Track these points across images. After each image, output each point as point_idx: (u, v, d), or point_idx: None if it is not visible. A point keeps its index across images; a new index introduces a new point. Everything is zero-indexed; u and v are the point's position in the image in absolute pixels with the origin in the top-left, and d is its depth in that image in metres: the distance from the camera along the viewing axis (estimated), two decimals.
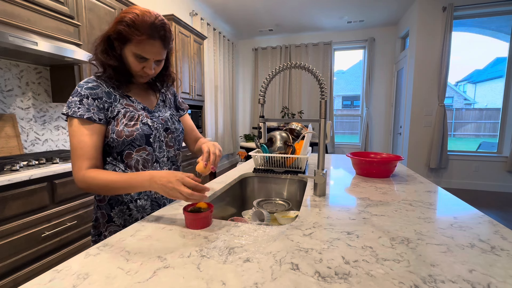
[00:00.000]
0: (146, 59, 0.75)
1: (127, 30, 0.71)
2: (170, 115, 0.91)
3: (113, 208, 0.82)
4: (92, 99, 0.75)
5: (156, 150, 0.84)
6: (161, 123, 0.86)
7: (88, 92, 0.75)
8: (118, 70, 0.78)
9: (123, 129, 0.77)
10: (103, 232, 0.83)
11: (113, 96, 0.79)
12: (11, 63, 1.74)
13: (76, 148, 0.72)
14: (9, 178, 1.22)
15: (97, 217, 0.84)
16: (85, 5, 1.87)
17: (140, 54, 0.74)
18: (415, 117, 3.99)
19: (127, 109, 0.79)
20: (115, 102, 0.79)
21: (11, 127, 1.70)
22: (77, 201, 1.59)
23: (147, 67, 0.77)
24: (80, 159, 0.72)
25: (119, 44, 0.74)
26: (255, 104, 5.79)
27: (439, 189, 1.04)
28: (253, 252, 0.55)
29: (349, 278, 0.46)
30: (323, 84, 0.88)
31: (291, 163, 1.35)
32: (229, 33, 5.28)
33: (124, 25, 0.71)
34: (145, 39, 0.72)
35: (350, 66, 18.14)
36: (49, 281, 0.46)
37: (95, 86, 0.77)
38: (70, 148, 0.73)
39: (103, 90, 0.77)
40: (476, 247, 0.57)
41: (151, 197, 0.85)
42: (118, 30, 0.72)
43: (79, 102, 0.73)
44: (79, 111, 0.72)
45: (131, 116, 0.79)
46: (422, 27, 3.81)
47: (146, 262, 0.52)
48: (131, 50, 0.73)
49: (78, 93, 0.74)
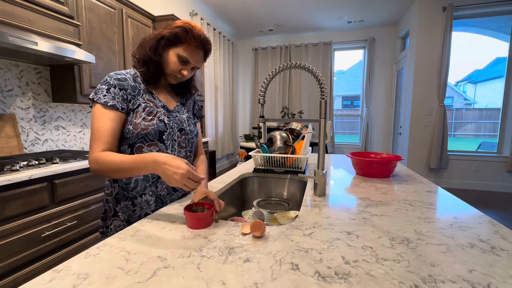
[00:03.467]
0: (187, 63, 0.84)
1: (184, 34, 0.81)
2: (187, 117, 0.95)
3: (118, 203, 0.86)
4: (119, 89, 0.80)
5: (168, 148, 0.88)
6: (177, 122, 0.90)
7: (116, 82, 0.81)
8: (156, 66, 0.85)
9: (140, 122, 0.82)
10: (109, 225, 0.87)
11: (137, 90, 0.85)
12: (11, 63, 1.74)
13: (96, 132, 0.76)
14: (9, 178, 1.22)
15: (105, 209, 0.89)
16: (85, 5, 1.87)
17: (186, 57, 0.83)
18: (415, 117, 3.99)
19: (148, 104, 0.85)
20: (138, 96, 0.84)
21: (11, 127, 1.70)
22: (77, 201, 1.59)
23: (185, 70, 0.85)
24: (97, 142, 0.76)
25: (167, 45, 0.82)
26: (255, 104, 5.79)
27: (439, 189, 1.04)
28: (253, 252, 0.55)
29: (349, 278, 0.46)
30: (323, 84, 0.88)
31: (291, 163, 1.35)
32: (229, 33, 5.28)
33: (182, 29, 0.81)
34: (195, 46, 0.82)
35: (350, 66, 18.14)
36: (49, 281, 0.46)
37: (123, 78, 0.83)
38: (91, 132, 0.78)
39: (129, 83, 0.83)
40: (476, 247, 0.57)
41: (156, 194, 0.88)
42: (175, 32, 0.81)
43: (106, 90, 0.79)
44: (104, 98, 0.78)
45: (150, 111, 0.84)
46: (422, 27, 3.81)
47: (146, 262, 0.52)
48: (177, 52, 0.82)
49: (107, 82, 0.80)
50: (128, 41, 2.28)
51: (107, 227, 0.88)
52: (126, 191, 0.86)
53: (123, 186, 0.86)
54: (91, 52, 1.94)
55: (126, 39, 2.25)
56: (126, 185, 0.85)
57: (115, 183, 0.86)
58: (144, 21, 2.48)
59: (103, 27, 2.04)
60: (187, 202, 0.88)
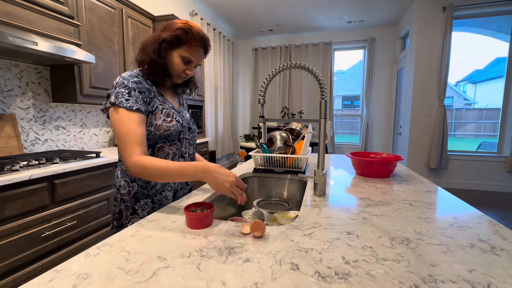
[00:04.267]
0: (190, 63, 0.88)
1: (185, 35, 0.83)
2: (189, 116, 1.02)
3: (138, 201, 0.88)
4: (138, 92, 0.82)
5: (183, 146, 0.94)
6: (186, 122, 0.97)
7: (135, 85, 0.82)
8: (162, 68, 0.87)
9: (162, 124, 0.85)
10: (126, 224, 0.89)
11: (152, 92, 0.87)
12: (11, 63, 1.74)
13: (127, 135, 0.77)
14: (9, 178, 1.22)
15: (120, 209, 0.89)
16: (85, 5, 1.87)
17: (189, 57, 0.86)
18: (415, 117, 3.99)
19: (164, 105, 0.89)
20: (154, 98, 0.87)
21: (11, 127, 1.70)
22: (77, 201, 1.59)
23: (189, 69, 0.89)
24: (132, 145, 0.77)
25: (169, 47, 0.84)
26: (255, 104, 5.79)
27: (439, 189, 1.04)
28: (253, 252, 0.55)
29: (349, 278, 0.46)
30: (323, 84, 0.88)
31: (291, 163, 1.35)
32: (229, 33, 5.28)
33: (182, 31, 0.83)
34: (196, 45, 0.85)
35: (350, 66, 18.14)
36: (49, 281, 0.46)
37: (139, 81, 0.84)
38: (118, 135, 0.78)
39: (145, 86, 0.85)
40: (476, 247, 0.57)
41: (174, 188, 0.96)
42: (176, 34, 0.83)
43: (127, 94, 0.80)
44: (128, 102, 0.79)
45: (167, 112, 0.88)
46: (422, 27, 3.81)
47: (146, 262, 0.52)
48: (180, 53, 0.85)
49: (125, 85, 0.81)
50: (128, 41, 2.28)
51: (121, 226, 0.89)
52: (145, 189, 0.88)
53: (143, 185, 0.88)
54: (91, 52, 1.94)
55: (126, 39, 2.25)
56: (145, 184, 0.88)
57: (133, 182, 0.88)
58: (144, 21, 2.48)
59: (103, 27, 2.04)
60: (187, 202, 0.88)
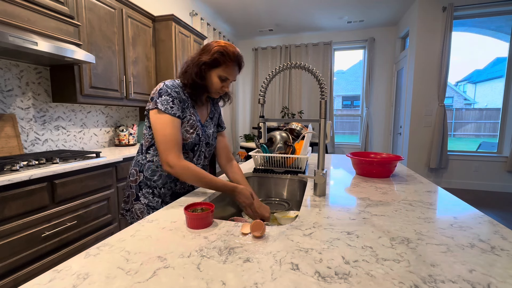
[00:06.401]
0: (226, 80, 0.97)
1: (222, 58, 0.92)
2: (213, 132, 1.09)
3: (141, 189, 0.99)
4: (178, 101, 0.92)
5: (195, 157, 1.03)
6: (206, 137, 1.05)
7: (176, 94, 0.92)
8: (203, 88, 0.97)
9: (183, 133, 0.95)
10: (131, 208, 1.00)
11: (186, 103, 0.97)
12: (11, 63, 1.74)
13: (172, 138, 0.88)
14: (9, 178, 1.22)
15: (128, 194, 1.02)
16: (85, 5, 1.87)
17: (226, 76, 0.95)
18: (415, 117, 3.99)
19: (192, 117, 0.98)
20: (187, 109, 0.97)
21: (11, 127, 1.70)
22: (77, 201, 1.59)
23: (226, 86, 0.98)
24: (176, 148, 0.88)
25: (208, 68, 0.94)
26: (255, 104, 5.79)
27: (439, 189, 1.04)
28: (253, 252, 0.55)
29: (349, 278, 0.46)
30: (323, 84, 0.88)
31: (291, 163, 1.35)
32: (229, 33, 5.28)
33: (220, 54, 0.92)
34: (232, 65, 0.95)
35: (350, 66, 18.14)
36: (49, 281, 0.46)
37: (178, 92, 0.94)
38: (161, 136, 0.87)
39: (181, 97, 0.95)
40: (476, 247, 0.57)
41: (173, 190, 1.02)
42: (214, 57, 0.92)
43: (172, 102, 0.90)
44: (172, 109, 0.90)
45: (192, 124, 0.97)
46: (422, 27, 3.80)
47: (146, 262, 0.52)
48: (218, 73, 0.94)
49: (169, 93, 0.91)
50: (128, 41, 2.28)
51: (128, 210, 1.01)
52: (149, 180, 0.99)
53: (147, 176, 0.99)
54: (91, 52, 1.94)
55: (126, 39, 2.25)
56: (150, 176, 0.99)
57: (141, 172, 0.99)
58: (144, 21, 2.48)
59: (103, 27, 2.04)
60: (187, 202, 0.88)
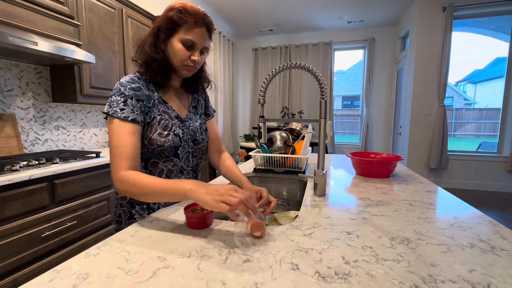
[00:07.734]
0: (193, 47, 0.78)
1: (179, 15, 0.75)
2: (199, 124, 0.93)
3: (133, 207, 0.85)
4: (136, 100, 0.75)
5: (182, 161, 0.88)
6: (190, 134, 0.89)
7: (132, 92, 0.75)
8: (162, 64, 0.80)
9: (156, 138, 0.79)
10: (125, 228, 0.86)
11: (152, 101, 0.80)
12: (11, 63, 1.74)
13: (117, 147, 0.71)
14: (9, 178, 1.22)
15: (120, 213, 0.88)
16: (85, 5, 1.87)
17: (190, 39, 0.76)
18: (415, 117, 3.99)
19: (163, 116, 0.82)
20: (153, 107, 0.80)
21: (11, 127, 1.70)
22: (77, 201, 1.59)
23: (194, 55, 0.79)
24: (120, 159, 0.70)
25: (167, 34, 0.77)
26: (255, 104, 5.79)
27: (439, 189, 1.04)
28: (253, 252, 0.55)
29: (349, 278, 0.46)
30: (323, 84, 0.88)
31: (291, 163, 1.35)
32: (229, 33, 5.27)
33: (175, 11, 0.75)
34: (194, 23, 0.76)
35: (350, 66, 18.15)
36: (49, 281, 0.46)
37: (137, 88, 0.77)
38: (110, 147, 0.72)
39: (144, 93, 0.78)
40: (476, 247, 0.57)
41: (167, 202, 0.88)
42: (169, 16, 0.75)
43: (123, 103, 0.73)
44: (123, 112, 0.72)
45: (165, 124, 0.81)
46: (422, 27, 3.80)
47: (146, 262, 0.52)
48: (180, 37, 0.76)
49: (122, 92, 0.74)
50: (128, 41, 2.27)
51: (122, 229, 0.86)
52: None
53: None
54: (91, 52, 1.94)
55: (126, 39, 2.25)
56: None
57: None
58: (144, 21, 2.48)
59: (103, 27, 2.04)
60: (186, 202, 0.88)
